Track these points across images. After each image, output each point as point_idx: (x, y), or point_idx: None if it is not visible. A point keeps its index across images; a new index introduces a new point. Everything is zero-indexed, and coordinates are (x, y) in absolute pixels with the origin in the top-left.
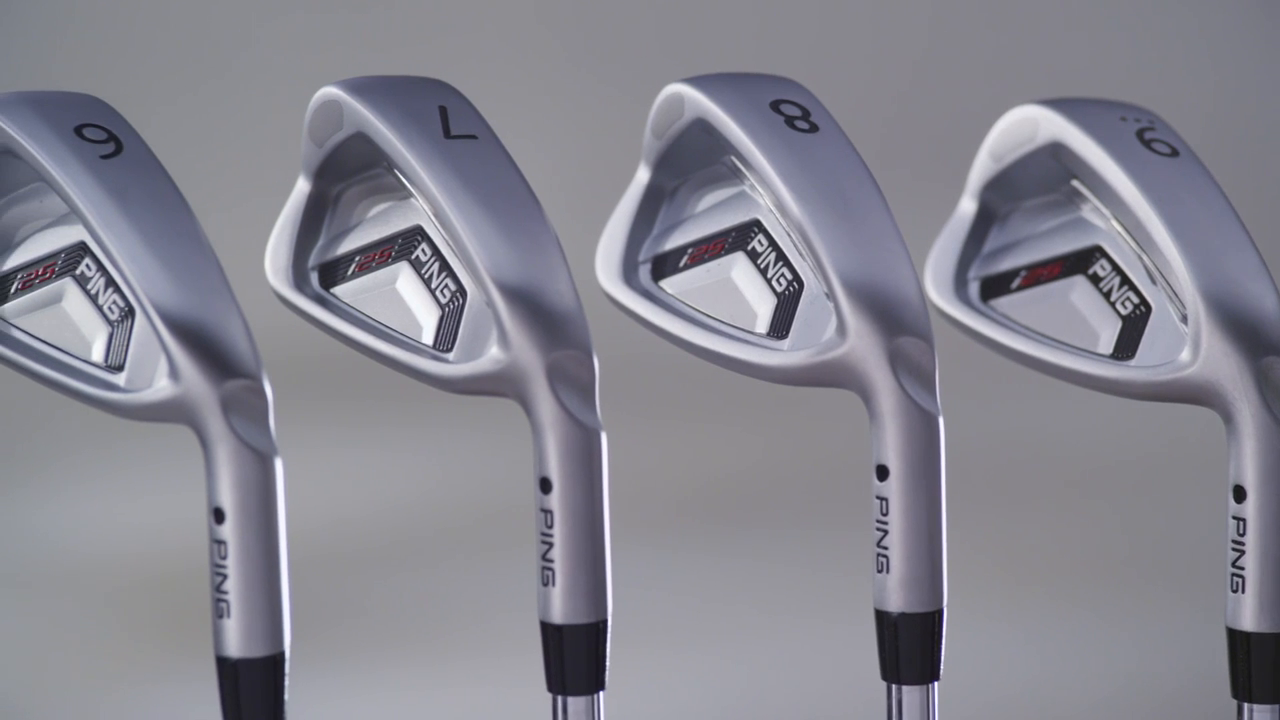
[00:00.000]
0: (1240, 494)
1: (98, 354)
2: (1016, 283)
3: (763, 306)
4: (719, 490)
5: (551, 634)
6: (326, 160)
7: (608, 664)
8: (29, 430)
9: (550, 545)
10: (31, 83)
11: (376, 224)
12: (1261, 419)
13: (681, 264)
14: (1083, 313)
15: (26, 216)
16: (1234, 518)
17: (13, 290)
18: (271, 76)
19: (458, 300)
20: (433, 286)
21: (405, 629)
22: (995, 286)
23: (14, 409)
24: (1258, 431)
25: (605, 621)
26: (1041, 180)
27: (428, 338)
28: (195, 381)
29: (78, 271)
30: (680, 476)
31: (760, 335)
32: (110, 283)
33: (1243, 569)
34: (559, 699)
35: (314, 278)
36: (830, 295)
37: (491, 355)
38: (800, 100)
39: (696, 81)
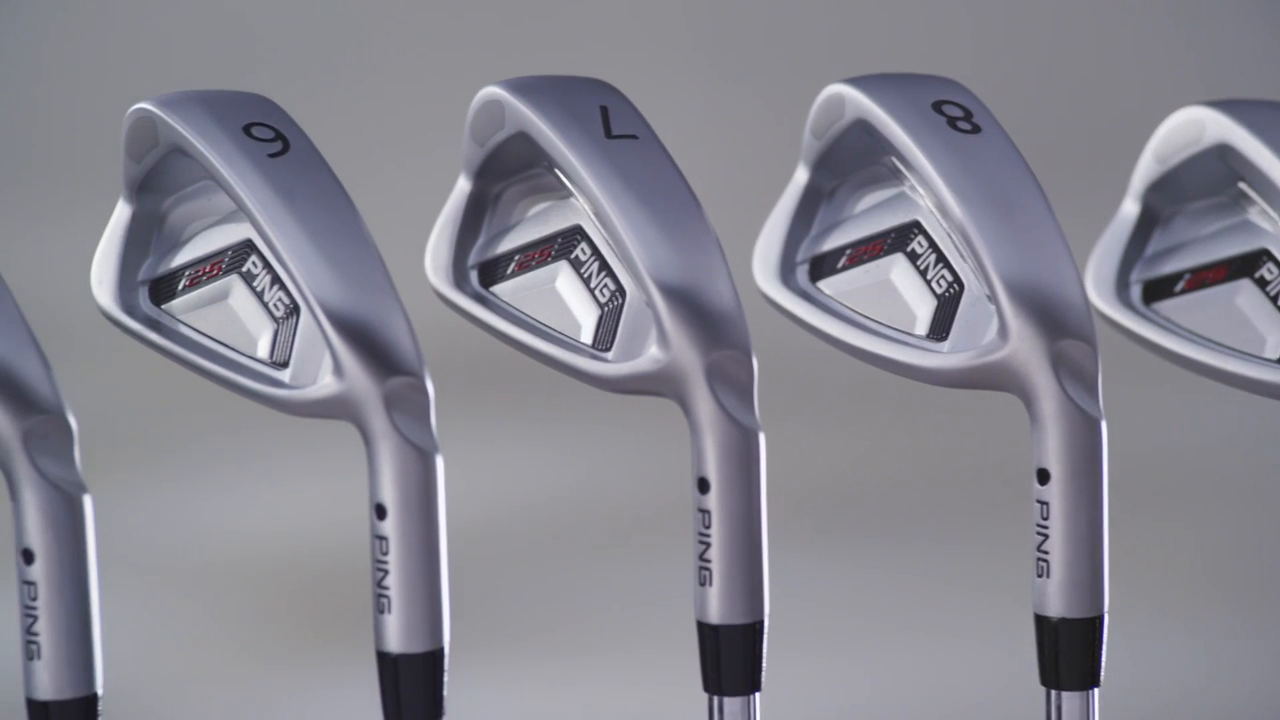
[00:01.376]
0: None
1: (263, 350)
2: (1180, 286)
3: (922, 308)
4: (871, 493)
5: (708, 634)
6: (487, 160)
7: (764, 665)
8: (186, 423)
9: (707, 545)
10: (186, 82)
11: (536, 223)
12: None
13: (840, 265)
14: (1248, 316)
15: (194, 214)
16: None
17: (180, 287)
18: (433, 77)
19: (617, 300)
20: (592, 286)
21: (562, 627)
22: (1158, 289)
23: (173, 403)
24: None
25: (762, 622)
26: (1207, 182)
27: (586, 337)
28: (359, 378)
29: (244, 269)
30: (832, 478)
31: (919, 337)
32: (276, 280)
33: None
34: (715, 699)
35: (474, 276)
36: (992, 297)
37: (651, 355)
38: (962, 101)
39: (857, 82)
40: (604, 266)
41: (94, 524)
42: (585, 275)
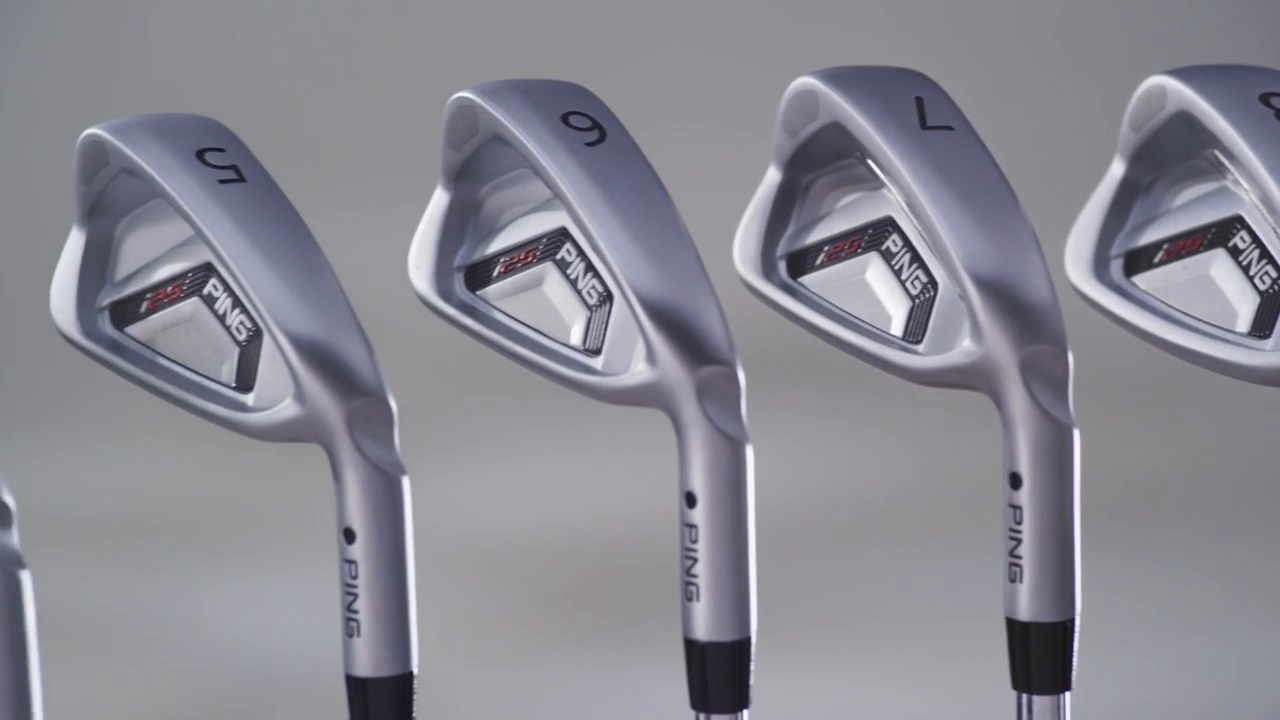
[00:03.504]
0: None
1: (576, 337)
2: (1159, 256)
3: (1244, 305)
4: (1140, 492)
5: (1018, 631)
6: (799, 150)
7: (1075, 663)
8: (494, 408)
9: (1019, 541)
10: (505, 69)
11: (846, 214)
12: None
13: (1156, 260)
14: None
15: (510, 202)
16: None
17: (495, 274)
18: (736, 67)
19: (929, 292)
20: (903, 278)
21: (854, 620)
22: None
23: (482, 389)
24: None
25: (1073, 620)
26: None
27: (897, 329)
28: (672, 367)
29: (558, 256)
30: (1106, 476)
31: (1241, 335)
32: (590, 268)
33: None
34: (1024, 697)
35: (782, 267)
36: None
37: (963, 348)
38: None
39: (1181, 73)
40: (916, 259)
41: (412, 505)
42: (896, 267)
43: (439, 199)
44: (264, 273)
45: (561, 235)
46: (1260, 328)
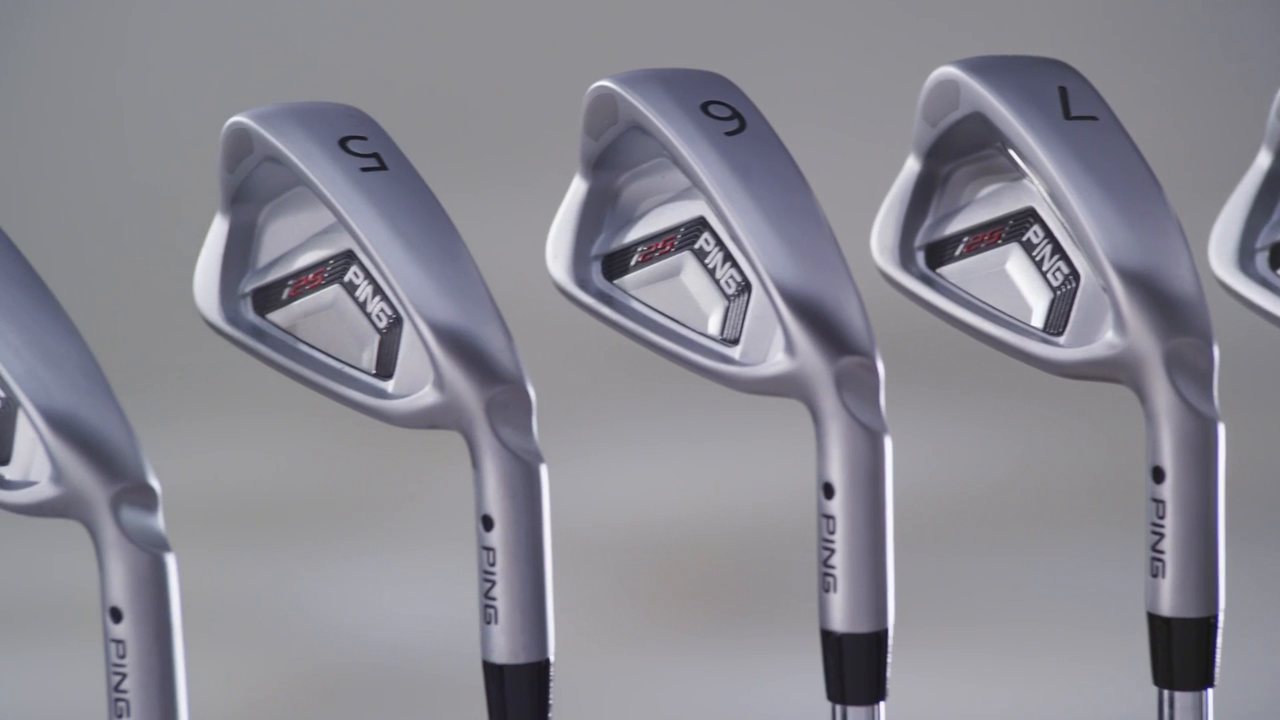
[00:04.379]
0: (829, 491)
1: (713, 327)
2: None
3: None
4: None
5: (1160, 626)
6: (939, 140)
7: (1217, 659)
8: (628, 397)
9: (1161, 536)
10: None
11: (987, 205)
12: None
13: None
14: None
15: (648, 191)
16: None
17: (633, 263)
18: (882, 53)
19: (1070, 284)
20: (1044, 269)
21: (989, 614)
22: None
23: (608, 377)
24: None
25: (1216, 616)
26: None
27: (1037, 321)
28: (810, 357)
29: (696, 245)
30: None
31: None
32: (728, 258)
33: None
34: (1166, 693)
35: (920, 257)
36: None
37: (1106, 340)
38: None
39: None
40: (1058, 250)
41: (549, 493)
42: (1038, 258)
43: (577, 188)
44: (405, 260)
45: (700, 224)
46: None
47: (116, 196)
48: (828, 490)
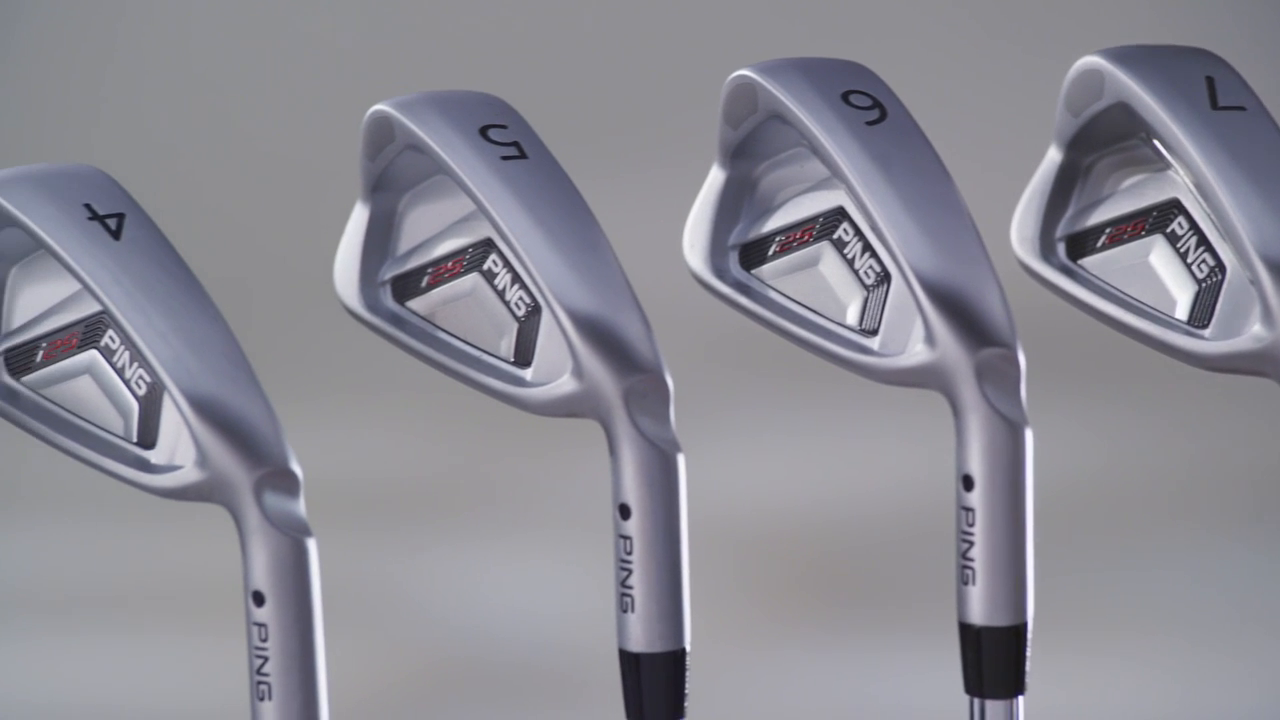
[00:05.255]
0: (968, 483)
1: (851, 317)
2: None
3: None
4: None
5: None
6: (1082, 130)
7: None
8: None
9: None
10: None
11: (1130, 196)
12: None
13: None
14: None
15: (787, 180)
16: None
17: (771, 253)
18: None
19: (1216, 275)
20: (1189, 261)
21: (1131, 609)
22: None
23: (745, 367)
24: None
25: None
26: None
27: (1181, 314)
28: (951, 349)
29: (835, 236)
30: None
31: None
32: (867, 248)
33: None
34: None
35: (1061, 249)
36: None
37: (1253, 334)
38: None
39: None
40: (1203, 241)
41: (685, 483)
42: (1182, 250)
43: (715, 177)
44: (544, 249)
45: (839, 214)
46: None
47: (260, 184)
48: (967, 482)
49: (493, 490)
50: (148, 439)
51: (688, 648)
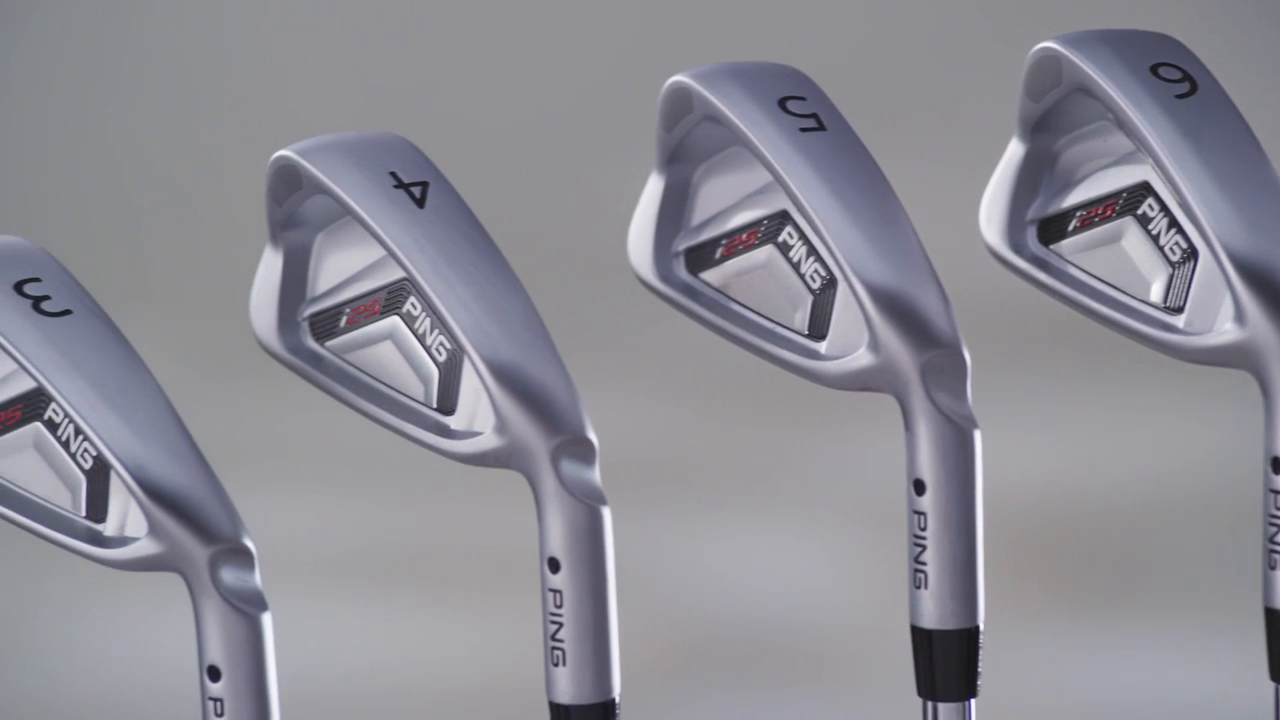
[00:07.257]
0: (1277, 465)
1: (1156, 295)
2: (1073, 225)
3: None
4: None
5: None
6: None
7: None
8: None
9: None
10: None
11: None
12: None
13: None
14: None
15: (1089, 155)
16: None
17: (1071, 228)
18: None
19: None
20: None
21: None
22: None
23: (1037, 344)
24: None
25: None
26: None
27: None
28: (1262, 327)
29: (1139, 211)
30: None
31: None
32: (1173, 224)
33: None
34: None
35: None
36: None
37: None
38: None
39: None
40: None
41: (981, 456)
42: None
43: (1014, 150)
44: (842, 222)
45: (1144, 189)
46: None
47: (548, 156)
48: (1276, 465)
49: (774, 469)
50: (447, 405)
51: (981, 625)
